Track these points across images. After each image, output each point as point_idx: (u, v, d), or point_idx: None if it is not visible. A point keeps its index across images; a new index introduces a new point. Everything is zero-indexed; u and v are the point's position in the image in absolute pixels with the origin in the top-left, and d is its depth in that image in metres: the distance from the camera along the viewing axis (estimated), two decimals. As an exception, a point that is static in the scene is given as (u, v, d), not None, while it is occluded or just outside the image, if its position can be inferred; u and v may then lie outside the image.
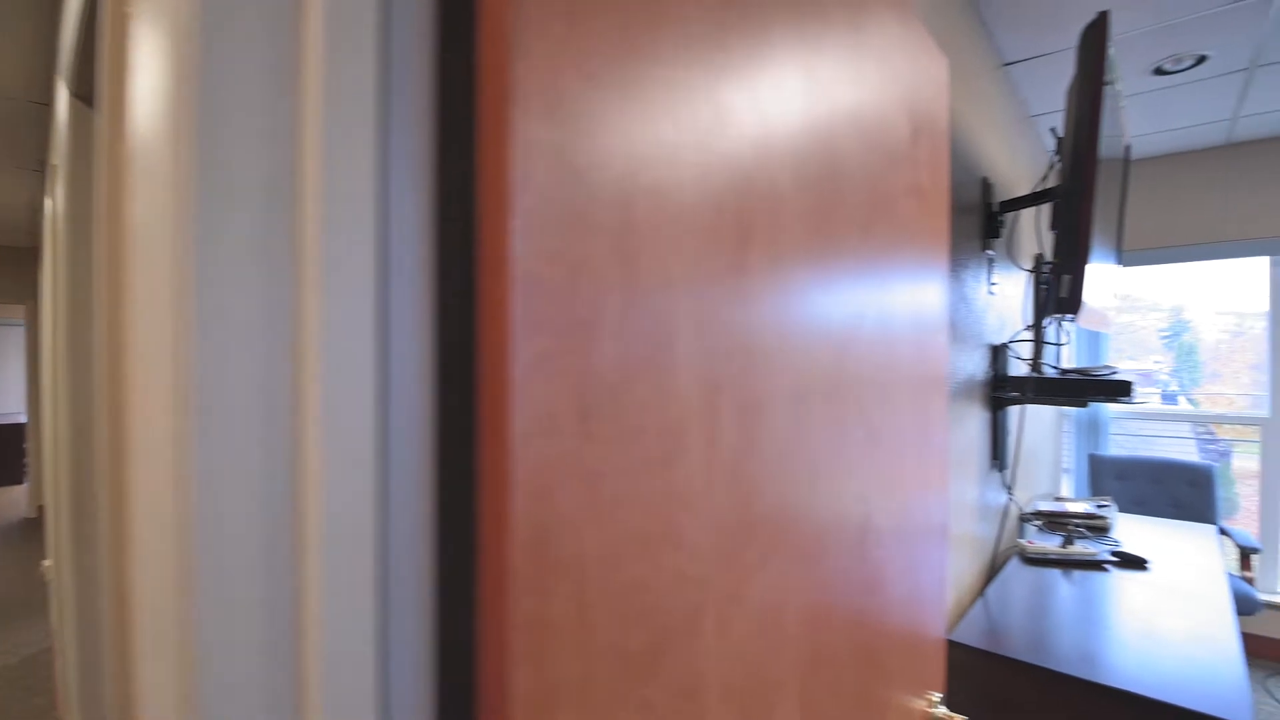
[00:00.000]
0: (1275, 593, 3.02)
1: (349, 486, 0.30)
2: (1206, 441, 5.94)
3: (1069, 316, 1.36)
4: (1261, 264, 3.09)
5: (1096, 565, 1.83)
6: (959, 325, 1.63)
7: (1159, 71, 2.22)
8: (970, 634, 1.41)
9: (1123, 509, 3.03)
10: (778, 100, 0.55)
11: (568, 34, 0.35)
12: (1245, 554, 2.68)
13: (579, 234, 0.35)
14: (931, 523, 0.97)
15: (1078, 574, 1.79)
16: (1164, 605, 1.56)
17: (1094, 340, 3.35)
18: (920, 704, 0.96)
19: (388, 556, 0.32)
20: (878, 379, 0.76)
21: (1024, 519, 2.26)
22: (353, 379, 0.30)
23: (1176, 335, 6.00)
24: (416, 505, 0.34)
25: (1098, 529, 2.14)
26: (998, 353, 1.92)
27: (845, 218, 0.66)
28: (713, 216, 0.47)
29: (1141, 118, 2.71)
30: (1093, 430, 3.34)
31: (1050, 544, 1.91)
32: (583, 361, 0.36)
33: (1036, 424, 2.87)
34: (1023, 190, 2.41)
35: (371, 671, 0.31)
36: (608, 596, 0.38)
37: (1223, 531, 2.83)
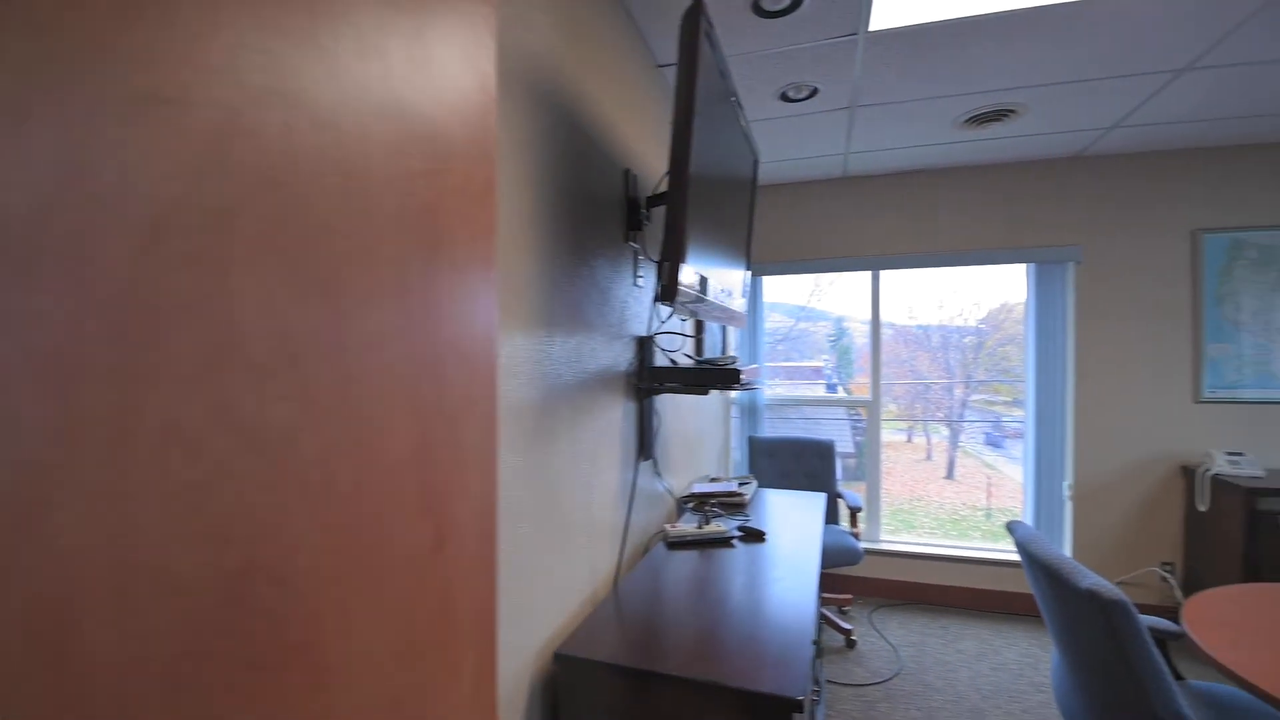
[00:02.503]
0: (876, 541, 3.64)
1: None
2: (856, 421, 7.37)
3: (668, 304, 1.32)
4: (888, 278, 3.70)
5: (726, 542, 1.90)
6: (589, 316, 1.52)
7: (785, 98, 2.45)
8: (589, 640, 1.29)
9: (771, 483, 3.38)
10: None
11: None
12: (854, 513, 3.15)
13: None
14: (459, 537, 0.77)
15: (712, 552, 1.83)
16: (766, 574, 1.63)
17: (752, 337, 3.71)
18: (450, 765, 0.76)
19: None
20: (312, 372, 0.52)
21: (682, 503, 2.32)
22: None
23: (838, 339, 7.33)
24: None
25: (736, 505, 2.27)
26: (643, 344, 1.89)
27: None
28: None
29: (780, 143, 3.01)
30: (753, 415, 3.69)
31: (691, 526, 1.94)
32: None
33: (705, 411, 3.04)
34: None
35: None
36: None
37: (840, 496, 3.30)
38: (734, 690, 1.08)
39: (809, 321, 7.23)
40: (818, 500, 2.39)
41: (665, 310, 2.07)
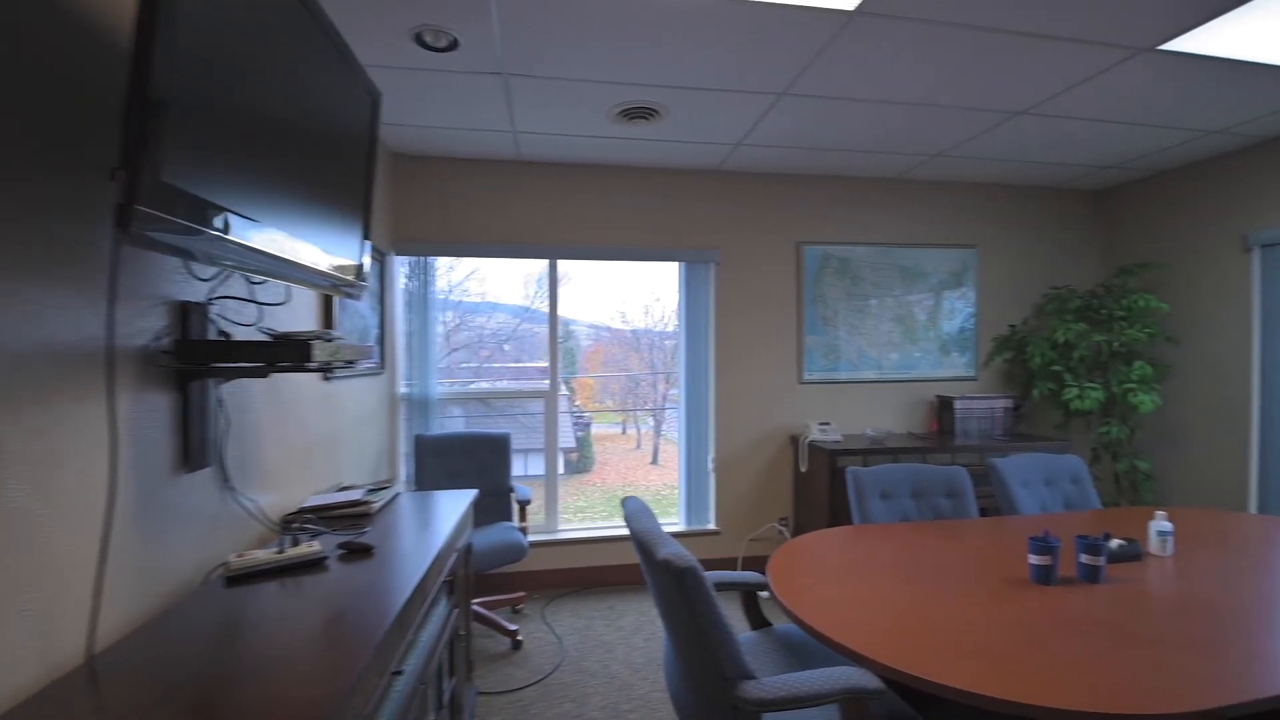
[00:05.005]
0: (555, 531, 3.55)
1: None
2: (578, 416, 7.48)
3: (123, 230, 0.88)
4: (589, 276, 3.59)
5: (318, 565, 1.48)
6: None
7: (422, 43, 2.10)
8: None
9: (438, 484, 3.02)
10: None
11: None
12: (522, 506, 2.97)
13: None
14: None
15: (296, 580, 1.40)
16: (349, 600, 1.27)
17: (423, 326, 3.32)
18: None
19: None
20: None
21: (285, 522, 1.81)
22: None
23: (566, 341, 7.37)
24: None
25: (359, 517, 1.87)
26: (189, 312, 1.37)
27: None
28: None
29: (432, 102, 2.60)
30: (424, 411, 3.29)
31: (270, 551, 1.48)
32: None
33: (347, 407, 2.53)
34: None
35: None
36: None
37: (511, 490, 3.10)
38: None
39: (532, 323, 7.15)
40: (462, 499, 2.11)
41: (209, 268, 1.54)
